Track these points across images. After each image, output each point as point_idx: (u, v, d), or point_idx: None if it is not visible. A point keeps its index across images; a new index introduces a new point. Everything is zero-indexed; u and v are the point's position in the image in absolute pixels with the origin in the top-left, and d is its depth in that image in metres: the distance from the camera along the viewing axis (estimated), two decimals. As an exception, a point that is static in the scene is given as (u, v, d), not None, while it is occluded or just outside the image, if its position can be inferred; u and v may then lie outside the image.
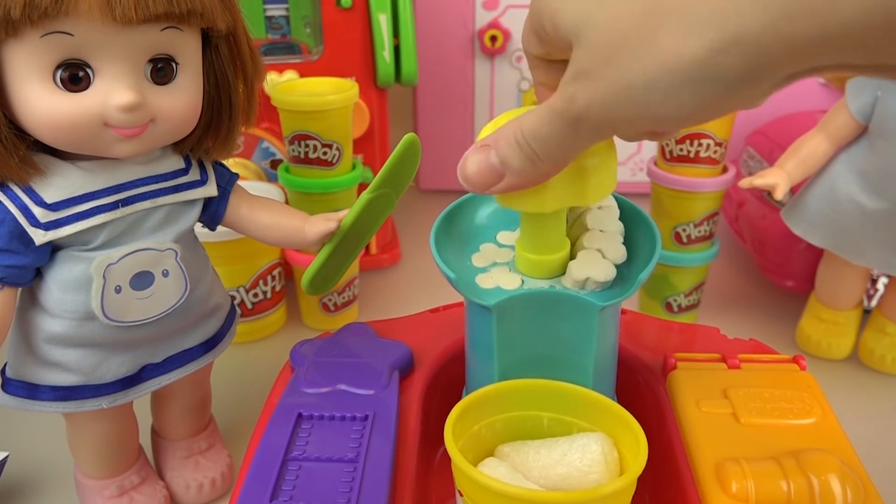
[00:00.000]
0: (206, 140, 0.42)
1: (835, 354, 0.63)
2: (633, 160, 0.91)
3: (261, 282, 0.64)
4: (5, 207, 0.36)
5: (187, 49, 0.38)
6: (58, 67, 0.35)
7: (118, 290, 0.38)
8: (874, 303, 0.64)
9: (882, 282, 0.64)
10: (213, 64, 0.40)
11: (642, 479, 0.34)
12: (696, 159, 0.61)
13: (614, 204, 0.42)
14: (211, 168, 0.43)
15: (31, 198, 0.36)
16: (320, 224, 0.43)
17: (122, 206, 0.38)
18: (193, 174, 0.42)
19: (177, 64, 0.37)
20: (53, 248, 0.38)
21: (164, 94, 0.37)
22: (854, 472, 0.36)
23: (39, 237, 0.36)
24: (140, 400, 0.43)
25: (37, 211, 0.36)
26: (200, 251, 0.44)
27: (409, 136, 0.42)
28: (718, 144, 0.61)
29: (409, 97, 0.94)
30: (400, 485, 0.37)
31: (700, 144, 0.60)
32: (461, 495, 0.35)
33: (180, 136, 0.40)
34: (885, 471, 0.41)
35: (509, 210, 0.41)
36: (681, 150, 0.61)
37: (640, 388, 0.46)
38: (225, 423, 0.53)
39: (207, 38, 0.39)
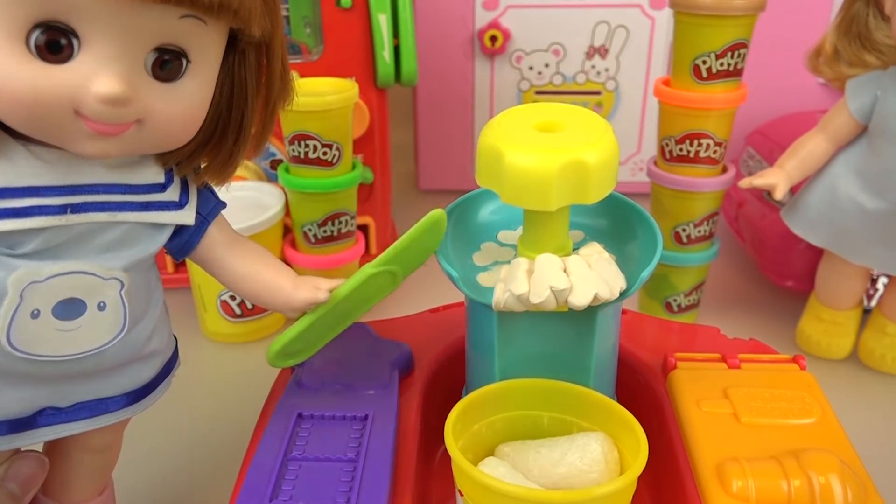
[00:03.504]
0: (199, 158, 0.34)
1: (835, 354, 0.63)
2: (633, 160, 0.91)
3: (261, 282, 0.63)
4: None
5: (206, 47, 0.31)
6: (34, 28, 0.27)
7: (35, 314, 0.30)
8: (874, 303, 0.64)
9: (882, 282, 0.64)
10: (234, 72, 0.33)
11: (643, 479, 0.34)
12: (696, 159, 0.61)
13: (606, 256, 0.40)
14: (194, 191, 0.35)
15: None
16: (308, 291, 0.37)
17: (72, 212, 0.30)
18: (171, 193, 0.34)
19: (188, 61, 0.30)
20: None
21: (162, 92, 0.30)
22: (854, 471, 0.36)
23: None
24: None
25: None
26: (153, 283, 0.35)
27: (435, 212, 0.36)
28: (718, 144, 0.61)
29: (409, 97, 0.94)
30: (400, 485, 0.37)
31: (700, 144, 0.60)
32: (461, 495, 0.35)
33: (167, 148, 0.32)
34: (885, 471, 0.41)
35: (510, 209, 0.41)
36: (681, 150, 0.61)
37: (640, 388, 0.46)
38: (225, 423, 0.53)
39: (234, 41, 0.32)
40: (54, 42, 0.27)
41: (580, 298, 0.35)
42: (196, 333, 0.66)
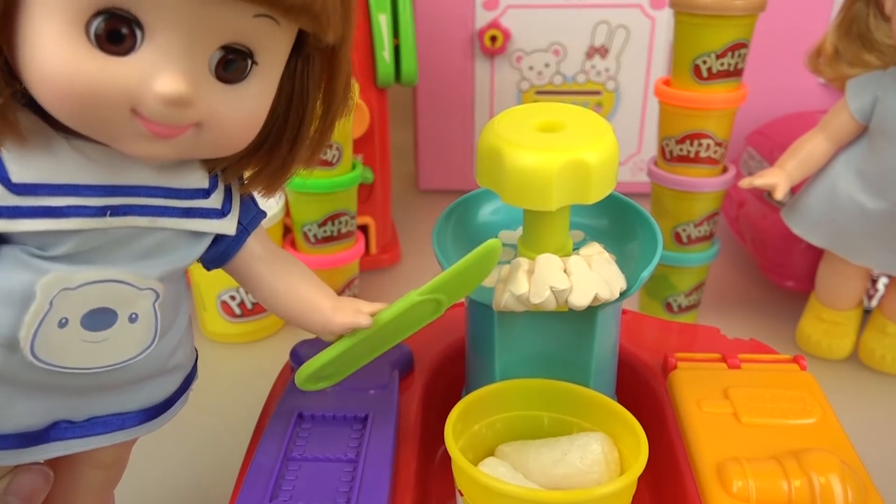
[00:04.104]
0: (248, 165, 0.32)
1: (835, 354, 0.63)
2: (633, 160, 0.91)
3: (261, 282, 0.63)
4: None
5: (275, 49, 0.28)
6: (96, 15, 0.25)
7: (63, 323, 0.28)
8: (874, 303, 0.64)
9: (882, 282, 0.64)
10: (297, 77, 0.30)
11: (643, 479, 0.34)
12: (696, 159, 0.61)
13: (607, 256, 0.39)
14: (237, 199, 0.32)
15: None
16: (349, 315, 0.34)
17: (111, 215, 0.28)
18: (214, 201, 0.31)
19: (254, 62, 0.28)
20: None
21: (224, 95, 0.27)
22: (854, 471, 0.36)
23: None
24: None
25: None
26: (182, 293, 0.33)
27: (491, 242, 0.34)
28: (718, 144, 0.61)
29: (409, 97, 0.94)
30: (400, 485, 0.37)
31: (700, 144, 0.60)
32: (461, 495, 0.35)
33: (222, 154, 0.30)
34: (886, 471, 0.41)
35: (511, 209, 0.41)
36: (681, 150, 0.61)
37: (641, 388, 0.46)
38: (225, 423, 0.53)
39: (299, 46, 0.30)
40: (115, 31, 0.25)
41: (580, 299, 0.35)
42: (196, 333, 0.66)
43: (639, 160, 0.91)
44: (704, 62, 0.58)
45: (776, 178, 0.57)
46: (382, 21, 0.66)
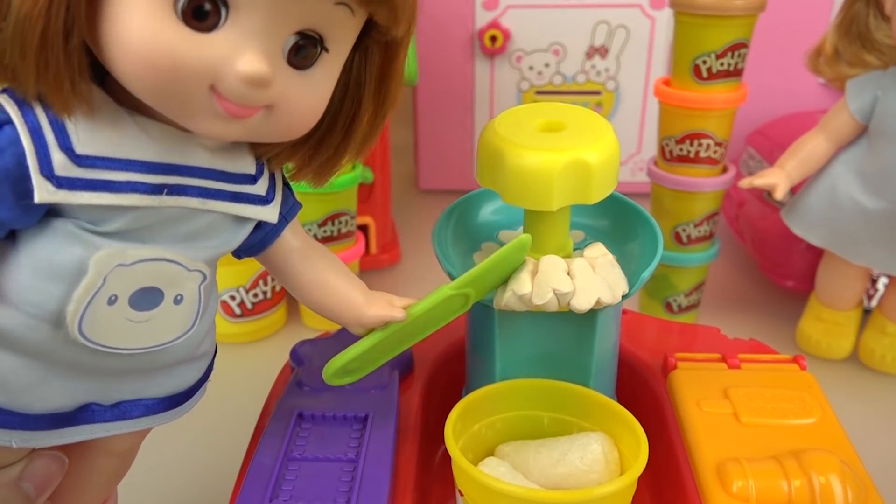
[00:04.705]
0: (297, 153, 0.32)
1: (835, 354, 0.63)
2: (633, 160, 0.91)
3: (261, 282, 0.63)
4: (15, 133, 0.25)
5: (344, 38, 0.28)
6: None
7: (112, 300, 0.28)
8: (874, 303, 0.64)
9: (882, 282, 0.64)
10: (355, 68, 0.31)
11: (643, 479, 0.34)
12: (696, 159, 0.61)
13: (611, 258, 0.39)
14: (280, 188, 0.33)
15: (57, 136, 0.26)
16: (382, 308, 0.34)
17: (167, 193, 0.28)
18: (260, 187, 0.31)
19: (325, 49, 0.28)
20: (48, 211, 0.27)
21: (294, 79, 0.28)
22: (854, 471, 0.36)
23: (44, 193, 0.25)
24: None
25: (56, 157, 0.26)
26: (215, 281, 0.33)
27: (523, 237, 0.35)
28: (718, 144, 0.61)
29: (409, 97, 0.94)
30: (400, 485, 0.37)
31: (700, 144, 0.60)
32: (461, 495, 0.35)
33: (285, 139, 0.30)
34: (886, 471, 0.41)
35: (511, 208, 0.41)
36: (681, 150, 0.61)
37: (641, 388, 0.46)
38: (225, 423, 0.53)
39: (361, 37, 0.30)
40: (200, 8, 0.25)
41: (583, 302, 0.35)
42: (196, 333, 0.66)
43: (639, 160, 0.91)
44: (704, 62, 0.58)
45: (776, 178, 0.57)
46: (382, 21, 0.66)
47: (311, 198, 0.62)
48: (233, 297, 0.63)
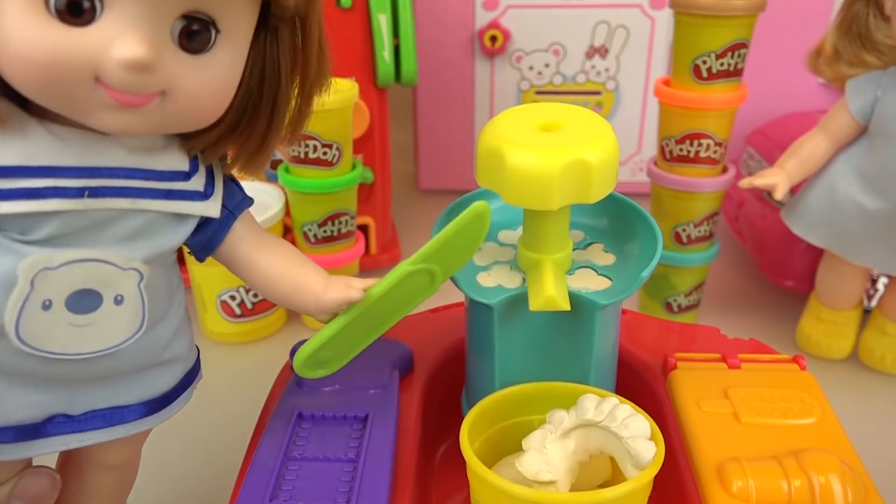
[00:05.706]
0: (227, 145, 0.32)
1: (835, 354, 0.63)
2: (633, 160, 0.91)
3: (261, 282, 0.63)
4: None
5: (237, 17, 0.28)
6: None
7: (47, 305, 0.28)
8: (874, 303, 0.64)
9: (882, 282, 0.64)
10: (266, 51, 0.30)
11: (643, 479, 0.34)
12: (696, 159, 0.61)
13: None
14: (221, 182, 0.33)
15: None
16: (340, 290, 0.34)
17: (89, 196, 0.28)
18: (196, 183, 0.31)
19: (217, 31, 0.28)
20: None
21: (189, 64, 0.27)
22: (854, 471, 0.36)
23: None
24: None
25: None
26: (175, 284, 0.33)
27: (477, 205, 0.33)
28: (718, 144, 0.61)
29: (409, 97, 0.94)
30: (400, 485, 0.37)
31: (700, 144, 0.60)
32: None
33: (194, 126, 0.30)
34: (885, 471, 0.41)
35: (510, 208, 0.41)
36: (681, 150, 0.61)
37: (640, 388, 0.46)
38: (225, 423, 0.53)
39: (266, 18, 0.30)
40: (76, 4, 0.25)
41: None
42: (196, 333, 0.66)
43: (639, 160, 0.91)
44: (704, 62, 0.58)
45: (776, 178, 0.57)
46: (382, 21, 0.66)
47: (311, 198, 0.62)
48: (233, 297, 0.63)
